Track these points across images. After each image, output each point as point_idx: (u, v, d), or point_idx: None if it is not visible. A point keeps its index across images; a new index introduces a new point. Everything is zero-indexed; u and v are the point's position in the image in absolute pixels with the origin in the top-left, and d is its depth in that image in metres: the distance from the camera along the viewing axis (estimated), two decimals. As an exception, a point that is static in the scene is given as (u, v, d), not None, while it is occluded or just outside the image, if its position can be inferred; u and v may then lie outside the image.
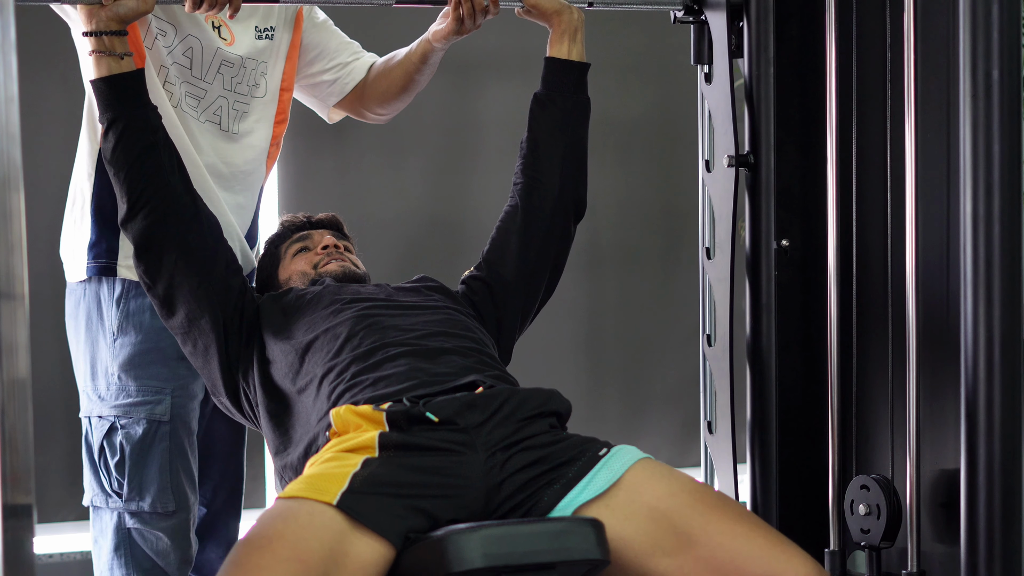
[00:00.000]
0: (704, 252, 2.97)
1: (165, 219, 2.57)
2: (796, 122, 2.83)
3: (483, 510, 2.27)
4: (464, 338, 2.58)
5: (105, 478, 2.71)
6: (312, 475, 2.26)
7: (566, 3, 2.80)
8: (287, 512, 2.19)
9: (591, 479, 2.29)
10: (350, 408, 2.36)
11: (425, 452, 2.28)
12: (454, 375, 2.45)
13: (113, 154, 2.56)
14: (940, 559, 2.54)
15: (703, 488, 2.32)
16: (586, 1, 2.84)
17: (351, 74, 2.95)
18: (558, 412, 2.42)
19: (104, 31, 2.52)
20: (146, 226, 2.57)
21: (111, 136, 2.56)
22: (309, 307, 2.62)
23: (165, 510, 2.70)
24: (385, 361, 2.47)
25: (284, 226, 2.91)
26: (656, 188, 4.67)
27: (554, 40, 2.80)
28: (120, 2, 2.52)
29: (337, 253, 2.82)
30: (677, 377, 4.67)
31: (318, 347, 2.53)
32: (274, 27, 2.83)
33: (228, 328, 2.60)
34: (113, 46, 2.53)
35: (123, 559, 2.71)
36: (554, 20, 2.79)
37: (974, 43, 2.35)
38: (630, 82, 4.59)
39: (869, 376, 2.70)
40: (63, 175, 2.79)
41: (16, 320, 1.54)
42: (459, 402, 2.34)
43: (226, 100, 2.77)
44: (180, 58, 2.71)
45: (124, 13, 2.53)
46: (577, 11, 2.80)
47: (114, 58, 2.54)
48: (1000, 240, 2.35)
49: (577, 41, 2.80)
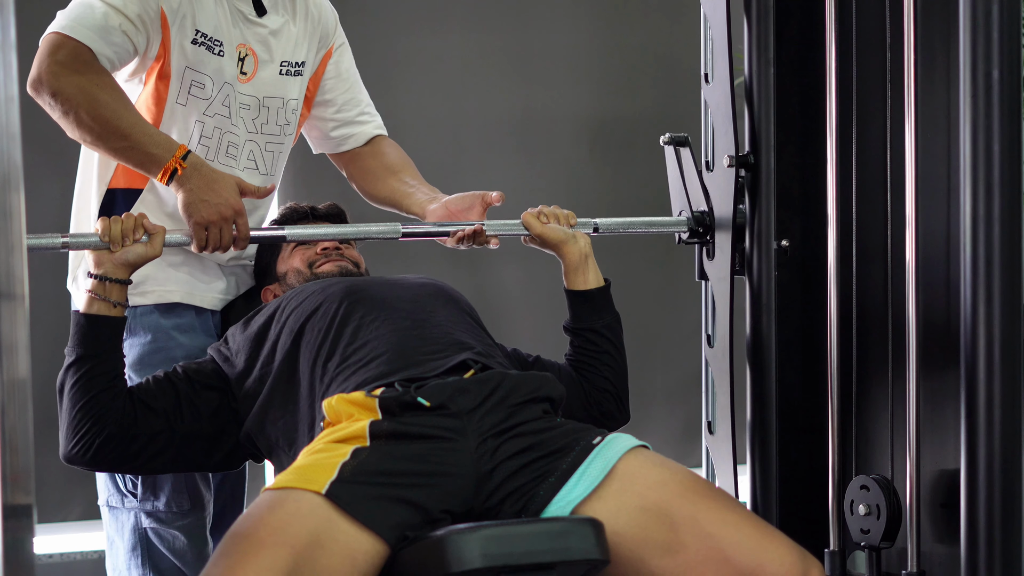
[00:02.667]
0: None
1: (113, 457, 2.54)
2: (796, 122, 2.83)
3: (474, 498, 2.27)
4: (452, 304, 2.61)
5: (119, 478, 2.72)
6: (301, 466, 2.26)
7: (571, 232, 2.78)
8: (273, 501, 2.20)
9: (585, 470, 2.30)
10: (341, 397, 2.37)
11: (416, 440, 2.29)
12: (444, 350, 2.45)
13: (72, 388, 2.53)
14: (940, 559, 2.54)
15: (694, 478, 2.33)
16: (591, 227, 2.84)
17: (348, 139, 2.99)
18: (551, 397, 2.42)
19: (109, 277, 2.52)
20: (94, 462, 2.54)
21: (73, 372, 2.53)
22: (294, 298, 2.62)
23: (180, 509, 2.71)
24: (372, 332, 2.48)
25: (286, 213, 2.91)
26: (656, 188, 4.66)
27: (568, 272, 2.79)
28: (128, 248, 2.52)
29: (336, 255, 2.82)
30: (678, 378, 4.67)
31: (308, 329, 2.54)
32: (304, 63, 2.84)
33: (233, 418, 2.60)
34: (111, 293, 2.52)
35: (140, 559, 2.71)
36: (562, 249, 2.78)
37: (974, 43, 2.35)
38: (630, 82, 4.59)
39: (869, 376, 2.70)
40: (63, 175, 2.79)
41: (16, 320, 1.54)
42: (451, 387, 2.34)
43: (257, 145, 2.78)
44: (220, 108, 2.72)
45: (132, 259, 2.53)
46: (583, 238, 2.80)
47: (107, 304, 2.52)
48: (1000, 240, 2.35)
49: (591, 267, 2.79)
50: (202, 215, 2.55)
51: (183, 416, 2.55)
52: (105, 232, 2.51)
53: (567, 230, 2.79)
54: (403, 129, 3.17)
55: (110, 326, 2.53)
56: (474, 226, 2.74)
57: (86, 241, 2.53)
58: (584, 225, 2.83)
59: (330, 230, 2.77)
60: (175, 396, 2.56)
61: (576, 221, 2.81)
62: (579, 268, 2.78)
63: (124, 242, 2.52)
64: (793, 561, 2.23)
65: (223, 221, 2.56)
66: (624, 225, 2.91)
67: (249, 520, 2.19)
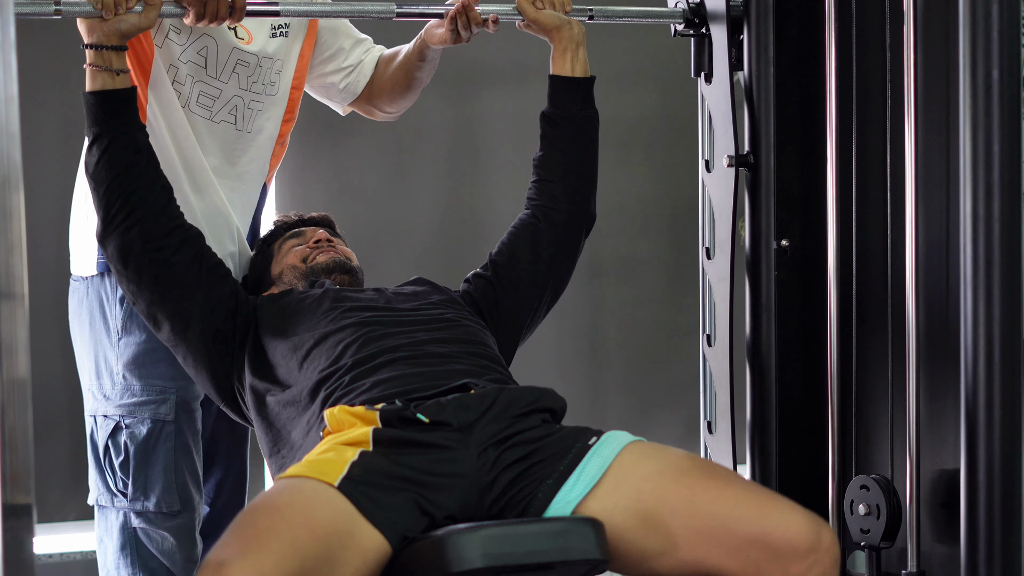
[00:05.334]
0: (704, 252, 2.97)
1: (141, 236, 2.56)
2: (796, 122, 2.83)
3: (476, 507, 2.27)
4: (464, 342, 2.59)
5: (110, 477, 2.72)
6: (312, 460, 2.27)
7: (566, 18, 2.80)
8: (292, 487, 2.19)
9: (582, 470, 2.29)
10: (344, 408, 2.37)
11: (419, 448, 2.29)
12: (450, 379, 2.45)
13: (96, 168, 2.56)
14: (940, 559, 2.54)
15: (690, 460, 2.32)
16: (586, 14, 2.84)
17: (360, 74, 2.96)
18: (551, 409, 2.42)
19: (104, 45, 2.52)
20: (122, 244, 2.57)
21: (95, 150, 2.55)
22: (309, 311, 2.61)
23: (170, 510, 2.70)
24: (383, 366, 2.47)
25: (276, 226, 2.92)
26: (656, 188, 4.67)
27: (556, 57, 2.80)
28: (121, 17, 2.51)
29: (328, 246, 2.82)
30: (678, 377, 4.67)
31: (317, 353, 2.53)
32: (288, 24, 2.83)
33: (218, 337, 2.60)
34: (111, 61, 2.52)
35: (129, 559, 2.71)
36: (555, 35, 2.80)
37: (974, 43, 2.35)
38: (630, 82, 4.59)
39: (869, 376, 2.70)
40: (63, 175, 2.79)
41: (16, 320, 1.54)
42: (451, 404, 2.34)
43: (241, 99, 2.77)
44: (194, 57, 2.71)
45: (125, 29, 2.52)
46: (578, 25, 2.81)
47: (110, 73, 2.53)
48: (1000, 240, 2.35)
49: (580, 56, 2.80)
50: None
51: (203, 268, 2.61)
52: (98, 0, 2.51)
53: (562, 16, 2.79)
54: (402, 131, 3.17)
55: (119, 98, 2.54)
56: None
57: (79, 9, 2.52)
58: (580, 12, 2.83)
59: (324, 7, 2.79)
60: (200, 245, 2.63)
61: (572, 8, 2.81)
62: (568, 51, 2.79)
63: (117, 10, 2.50)
64: (800, 525, 2.20)
65: None
66: (619, 14, 2.92)
67: (268, 500, 2.18)
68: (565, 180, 2.81)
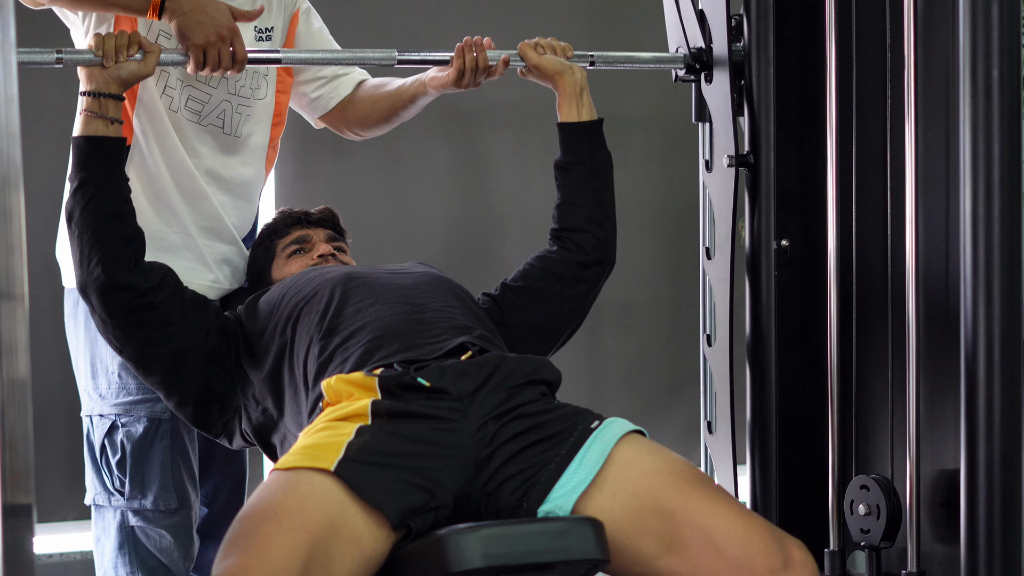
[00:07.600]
0: (704, 252, 2.97)
1: (120, 286, 2.53)
2: (796, 122, 2.83)
3: (473, 481, 2.27)
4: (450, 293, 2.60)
5: (107, 476, 2.72)
6: (306, 445, 2.27)
7: (568, 63, 2.80)
8: (286, 483, 2.20)
9: (584, 456, 2.30)
10: (340, 377, 2.37)
11: (417, 419, 2.29)
12: (442, 334, 2.45)
13: (81, 214, 2.52)
14: (940, 559, 2.54)
15: (685, 466, 2.34)
16: (588, 60, 2.84)
17: (336, 90, 2.96)
18: (548, 380, 2.43)
19: (102, 92, 2.51)
20: (103, 294, 2.53)
21: (79, 197, 2.52)
22: (293, 285, 2.62)
23: (167, 508, 2.71)
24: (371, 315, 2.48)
25: (280, 219, 2.91)
26: (656, 188, 4.67)
27: (562, 104, 2.81)
28: (121, 64, 2.50)
29: (334, 261, 2.81)
30: (678, 377, 4.67)
31: (304, 313, 2.53)
32: (273, 28, 2.83)
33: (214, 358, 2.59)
34: (107, 109, 2.52)
35: (127, 557, 2.71)
36: (557, 81, 2.80)
37: (974, 43, 2.35)
38: (630, 82, 4.59)
39: (869, 376, 2.70)
40: (63, 175, 2.78)
41: (16, 320, 1.53)
42: (450, 370, 2.35)
43: (229, 104, 2.77)
44: None
45: (125, 76, 2.52)
46: (579, 70, 2.81)
47: (105, 121, 2.52)
48: (1000, 240, 2.35)
49: (584, 101, 2.80)
50: (199, 36, 2.55)
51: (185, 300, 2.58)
52: (99, 47, 2.49)
53: (563, 61, 2.80)
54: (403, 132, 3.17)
55: (111, 145, 2.52)
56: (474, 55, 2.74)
57: (80, 57, 2.51)
58: (581, 58, 2.83)
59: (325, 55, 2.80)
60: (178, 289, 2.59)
61: (573, 53, 2.82)
62: (572, 98, 2.79)
63: (118, 58, 2.50)
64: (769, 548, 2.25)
65: (220, 41, 2.57)
66: (620, 59, 2.92)
67: (264, 502, 2.19)
68: (583, 224, 2.80)
